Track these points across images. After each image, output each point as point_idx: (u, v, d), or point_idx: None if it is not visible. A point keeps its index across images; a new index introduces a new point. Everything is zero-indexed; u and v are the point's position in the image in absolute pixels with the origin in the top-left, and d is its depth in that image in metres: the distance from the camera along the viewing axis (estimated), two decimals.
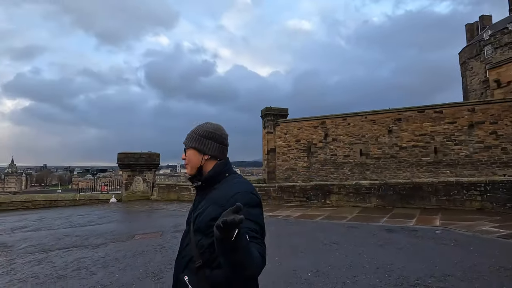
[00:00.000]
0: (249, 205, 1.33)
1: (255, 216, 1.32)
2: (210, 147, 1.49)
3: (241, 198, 1.30)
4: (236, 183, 1.44)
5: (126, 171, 18.55)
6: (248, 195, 1.37)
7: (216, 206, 1.34)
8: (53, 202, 16.87)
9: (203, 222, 1.37)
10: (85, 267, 5.00)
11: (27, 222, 10.58)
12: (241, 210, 1.07)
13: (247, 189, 1.41)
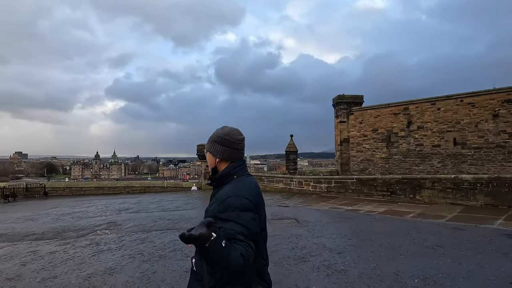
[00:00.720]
0: (240, 209, 1.44)
1: (243, 220, 1.43)
2: (219, 151, 1.62)
3: (233, 202, 1.45)
4: (236, 186, 1.54)
5: (204, 161, 19.96)
6: (240, 199, 1.47)
7: (216, 204, 1.49)
8: (147, 188, 19.39)
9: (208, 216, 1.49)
10: (180, 249, 5.41)
11: (129, 205, 12.31)
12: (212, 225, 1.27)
13: (241, 193, 1.50)
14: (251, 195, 1.53)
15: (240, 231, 1.39)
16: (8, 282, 4.21)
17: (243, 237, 1.39)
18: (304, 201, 11.84)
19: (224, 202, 1.46)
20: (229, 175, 1.61)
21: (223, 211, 1.45)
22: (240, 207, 1.45)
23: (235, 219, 1.41)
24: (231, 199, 1.46)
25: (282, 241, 5.66)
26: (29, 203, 15.37)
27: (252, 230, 1.45)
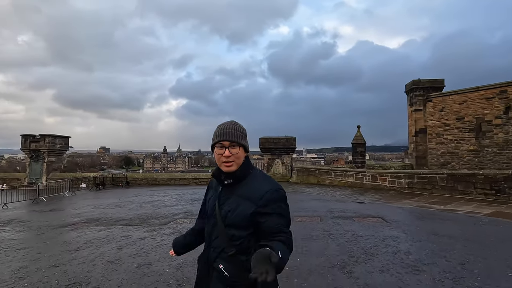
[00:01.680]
0: (281, 201, 1.49)
1: (285, 212, 1.49)
2: (248, 145, 1.58)
3: (273, 197, 1.47)
4: (264, 180, 1.53)
5: (266, 154, 19.86)
6: (278, 192, 1.50)
7: (250, 203, 1.44)
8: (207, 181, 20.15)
9: (239, 217, 1.44)
10: None
11: (200, 196, 12.70)
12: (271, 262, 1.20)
13: (276, 186, 1.52)
14: (281, 186, 1.56)
15: (283, 223, 1.45)
16: (110, 265, 4.46)
17: (287, 228, 1.46)
18: (382, 198, 10.68)
19: (263, 197, 1.44)
20: (249, 170, 1.56)
21: (264, 205, 1.43)
22: (281, 199, 1.49)
23: (279, 211, 1.46)
24: (269, 194, 1.46)
25: (377, 243, 4.95)
26: (115, 191, 17.28)
27: (290, 218, 1.52)
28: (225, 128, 1.54)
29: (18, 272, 4.37)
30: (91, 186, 19.43)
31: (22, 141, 21.43)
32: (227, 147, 1.49)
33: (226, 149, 1.49)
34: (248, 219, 1.43)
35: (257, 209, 1.42)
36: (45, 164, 21.22)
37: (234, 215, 1.46)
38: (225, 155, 1.49)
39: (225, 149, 1.50)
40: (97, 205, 11.65)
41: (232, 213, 1.46)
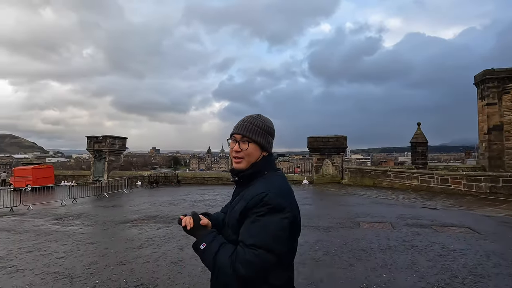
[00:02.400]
0: (269, 209, 1.16)
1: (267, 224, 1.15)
2: (270, 144, 1.38)
3: (262, 199, 1.18)
4: (269, 182, 1.26)
5: (315, 154, 19.01)
6: (269, 197, 1.18)
7: (243, 202, 1.23)
8: None
9: (232, 218, 1.27)
10: (333, 253, 4.58)
11: None
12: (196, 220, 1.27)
13: (273, 189, 1.21)
14: (285, 194, 1.25)
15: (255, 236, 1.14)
16: (174, 267, 4.30)
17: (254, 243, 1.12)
18: (457, 204, 9.29)
19: (252, 199, 1.19)
20: (260, 171, 1.32)
21: (251, 207, 1.18)
22: (269, 206, 1.17)
23: (258, 218, 1.16)
24: (261, 196, 1.18)
25: (480, 260, 4.07)
26: (168, 189, 17.99)
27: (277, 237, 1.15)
28: (242, 120, 1.38)
29: (89, 267, 4.43)
30: (146, 184, 20.56)
31: (87, 142, 23.57)
32: (238, 141, 1.33)
33: (237, 143, 1.34)
34: (236, 220, 1.25)
35: (244, 209, 1.22)
36: (107, 163, 23.06)
37: (231, 214, 1.31)
38: (235, 149, 1.33)
39: (236, 143, 1.34)
40: (153, 202, 12.10)
41: (231, 212, 1.32)
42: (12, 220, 9.05)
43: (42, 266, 4.56)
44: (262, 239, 1.13)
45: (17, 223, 8.58)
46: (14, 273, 4.31)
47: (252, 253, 1.11)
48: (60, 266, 4.53)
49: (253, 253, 1.11)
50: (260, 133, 1.34)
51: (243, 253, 1.13)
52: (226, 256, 1.15)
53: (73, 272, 4.23)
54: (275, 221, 1.16)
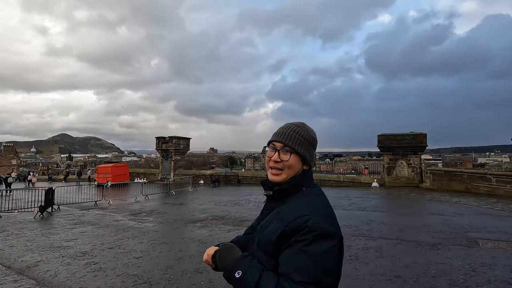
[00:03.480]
0: (317, 236, 0.97)
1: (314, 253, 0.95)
2: (313, 158, 1.18)
3: (309, 225, 0.98)
4: (309, 201, 1.07)
5: (387, 154, 17.02)
6: (318, 223, 0.99)
7: (280, 224, 1.04)
8: (322, 182, 18.73)
9: (266, 239, 1.06)
10: (462, 283, 3.46)
11: None
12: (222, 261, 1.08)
13: (321, 213, 1.03)
14: (330, 216, 1.06)
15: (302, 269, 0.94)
16: None
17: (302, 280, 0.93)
18: None
19: (292, 223, 1.00)
20: (298, 186, 1.13)
21: (292, 231, 0.99)
22: (317, 232, 0.97)
23: (305, 247, 0.96)
24: (308, 220, 0.99)
25: None
26: (229, 189, 18.07)
27: (328, 270, 0.96)
28: (284, 127, 1.18)
29: (166, 272, 4.15)
30: (208, 183, 21.10)
31: (156, 142, 25.35)
32: (278, 150, 1.13)
33: (276, 153, 1.13)
34: (273, 243, 1.03)
35: (283, 232, 1.01)
36: (173, 162, 24.43)
37: (263, 234, 1.08)
38: (274, 159, 1.13)
39: (275, 152, 1.14)
40: (217, 201, 12.04)
41: (262, 231, 1.10)
42: (96, 214, 9.78)
43: (122, 266, 4.45)
44: (312, 275, 0.94)
45: (99, 217, 9.20)
46: (97, 271, 4.27)
47: None
48: (138, 268, 4.36)
49: None
50: (303, 144, 1.15)
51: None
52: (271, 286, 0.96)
53: (151, 277, 3.98)
54: (324, 251, 0.96)
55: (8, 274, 4.18)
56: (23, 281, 3.91)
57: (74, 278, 4.01)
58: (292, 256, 0.97)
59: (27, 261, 4.84)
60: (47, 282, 3.91)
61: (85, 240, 6.19)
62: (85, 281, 3.91)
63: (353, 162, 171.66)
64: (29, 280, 3.94)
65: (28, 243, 6.02)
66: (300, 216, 1.00)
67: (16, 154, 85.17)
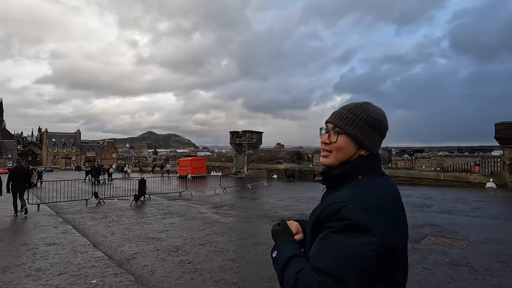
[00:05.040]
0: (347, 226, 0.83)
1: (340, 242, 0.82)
2: (373, 140, 0.98)
3: (343, 213, 0.84)
4: (359, 190, 0.90)
5: (508, 147, 13.49)
6: (356, 212, 0.83)
7: (319, 210, 0.93)
8: (415, 180, 16.08)
9: (309, 224, 0.98)
10: None
11: (421, 200, 9.67)
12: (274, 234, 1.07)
13: (362, 202, 0.86)
14: (378, 210, 0.85)
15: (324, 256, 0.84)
16: None
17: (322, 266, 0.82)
18: None
19: (327, 208, 0.89)
20: (352, 174, 0.95)
21: (323, 219, 0.89)
22: (346, 219, 0.83)
23: (330, 233, 0.85)
24: (338, 207, 0.86)
25: None
26: (305, 184, 17.04)
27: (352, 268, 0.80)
28: (341, 107, 1.05)
29: (270, 282, 3.43)
30: (282, 178, 20.46)
31: (230, 136, 25.92)
32: (329, 131, 1.00)
33: (326, 134, 1.01)
34: (310, 230, 0.95)
35: (317, 218, 0.91)
36: (246, 156, 24.60)
37: (308, 222, 1.00)
38: (322, 140, 1.02)
39: (326, 132, 1.01)
40: (298, 198, 11.18)
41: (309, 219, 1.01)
42: (182, 205, 9.99)
43: (218, 269, 3.93)
44: (330, 264, 0.81)
45: (185, 208, 9.32)
46: (193, 273, 3.82)
47: (315, 278, 0.82)
48: (236, 274, 3.76)
49: (316, 278, 0.82)
50: (358, 124, 0.97)
51: (306, 273, 0.85)
52: (293, 271, 0.89)
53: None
54: (351, 244, 0.81)
55: (109, 265, 4.07)
56: (122, 276, 3.69)
57: (170, 279, 3.63)
58: (317, 241, 0.88)
59: (126, 251, 4.78)
60: (145, 281, 3.60)
61: (176, 232, 6.04)
62: (182, 285, 3.47)
63: (438, 158, 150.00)
64: (128, 276, 3.70)
65: (126, 231, 6.17)
66: (336, 202, 0.87)
67: (115, 149, 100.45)
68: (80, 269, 3.97)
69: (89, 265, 4.10)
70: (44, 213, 8.53)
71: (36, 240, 5.51)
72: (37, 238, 5.62)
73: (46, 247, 5.01)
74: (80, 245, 5.10)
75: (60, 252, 4.74)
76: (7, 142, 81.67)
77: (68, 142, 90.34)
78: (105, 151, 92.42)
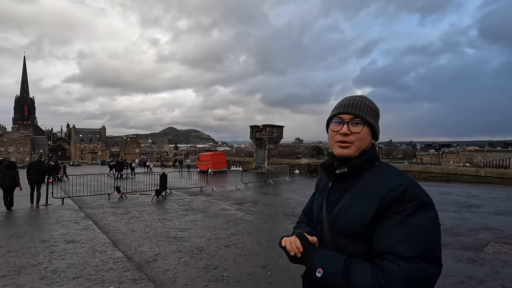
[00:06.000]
0: (418, 205, 0.84)
1: (419, 223, 0.82)
2: (379, 131, 1.06)
3: (407, 194, 0.85)
4: (395, 173, 0.94)
5: None
6: (417, 190, 0.87)
7: (370, 201, 0.89)
8: (451, 176, 14.84)
9: (350, 223, 0.92)
10: None
11: (465, 198, 8.71)
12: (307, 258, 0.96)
13: (414, 183, 0.89)
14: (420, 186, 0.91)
15: (407, 241, 0.81)
16: None
17: (408, 253, 0.79)
18: None
19: (388, 195, 0.86)
20: (374, 160, 1.01)
21: (390, 204, 0.85)
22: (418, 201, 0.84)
23: (406, 217, 0.82)
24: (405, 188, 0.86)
25: None
26: None
27: (437, 242, 0.84)
28: (349, 99, 1.05)
29: None
30: (304, 173, 19.75)
31: (250, 131, 25.44)
32: (347, 122, 1.00)
33: (345, 125, 1.00)
34: (366, 225, 0.88)
35: (379, 208, 0.86)
36: (266, 150, 24.05)
37: (346, 219, 0.94)
38: (342, 131, 1.00)
39: (343, 124, 1.01)
40: None
41: (343, 216, 0.95)
42: (203, 201, 9.65)
43: (248, 278, 3.43)
44: (423, 247, 0.80)
45: (207, 204, 8.95)
46: (220, 281, 3.35)
47: (414, 268, 0.78)
48: (270, 285, 3.24)
49: (415, 267, 0.78)
50: (373, 115, 1.03)
51: (398, 269, 0.78)
52: (367, 276, 0.80)
53: None
54: (430, 221, 0.83)
55: (128, 269, 3.70)
56: (141, 283, 3.29)
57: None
58: (394, 230, 0.82)
59: (146, 252, 4.41)
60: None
61: (198, 231, 5.63)
62: None
63: (467, 153, 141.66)
64: (148, 283, 3.29)
65: (146, 229, 5.85)
66: (397, 185, 0.87)
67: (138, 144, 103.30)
68: (97, 272, 3.63)
69: (107, 268, 3.75)
70: (68, 207, 8.48)
71: (56, 236, 5.29)
72: (57, 235, 5.41)
73: (65, 245, 4.75)
74: (99, 244, 4.80)
75: (78, 251, 4.45)
76: (39, 138, 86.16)
77: (94, 138, 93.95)
78: (128, 146, 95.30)
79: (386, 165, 1.00)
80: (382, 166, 0.99)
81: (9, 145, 76.81)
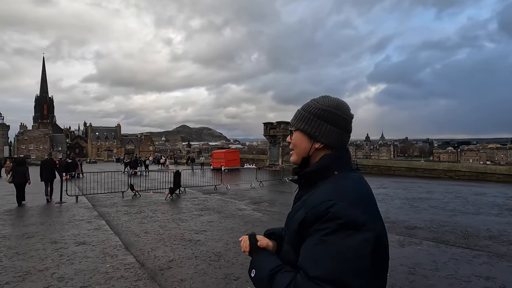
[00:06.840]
0: (339, 224, 0.78)
1: (336, 244, 0.77)
2: (324, 132, 0.95)
3: (330, 211, 0.79)
4: (339, 186, 0.87)
5: None
6: (348, 209, 0.79)
7: (303, 211, 0.87)
8: (480, 175, 13.92)
9: (291, 230, 0.91)
10: None
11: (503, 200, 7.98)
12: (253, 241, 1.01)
13: (349, 198, 0.82)
14: (364, 204, 0.84)
15: (320, 260, 0.77)
16: None
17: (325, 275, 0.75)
18: None
19: (314, 208, 0.83)
20: (328, 170, 0.93)
21: (311, 221, 0.83)
22: (339, 219, 0.78)
23: (324, 236, 0.78)
24: (327, 206, 0.80)
25: None
26: None
27: (354, 269, 0.75)
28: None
29: None
30: None
31: (264, 128, 24.99)
32: (291, 131, 1.05)
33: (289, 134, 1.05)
34: (295, 233, 0.88)
35: (304, 220, 0.85)
36: (280, 148, 23.55)
37: (290, 223, 0.93)
38: (287, 140, 1.08)
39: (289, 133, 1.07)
40: None
41: (289, 222, 0.95)
42: (218, 199, 9.30)
43: None
44: (331, 271, 0.75)
45: (222, 203, 8.59)
46: None
47: None
48: None
49: None
50: (306, 118, 0.97)
51: (302, 285, 0.77)
52: (283, 285, 0.81)
53: None
54: (353, 244, 0.76)
55: (140, 277, 3.35)
56: None
57: None
58: (310, 247, 0.80)
59: (160, 257, 4.05)
60: None
61: (215, 233, 5.25)
62: None
63: (488, 151, 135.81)
64: None
65: (160, 230, 5.52)
66: (324, 201, 0.82)
67: (152, 142, 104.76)
68: (107, 280, 3.29)
69: (117, 275, 3.41)
70: (81, 205, 8.32)
71: (67, 237, 5.04)
72: (68, 235, 5.16)
73: (75, 247, 4.47)
74: (111, 246, 4.50)
75: (88, 254, 4.15)
76: (58, 136, 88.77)
77: (110, 136, 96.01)
78: (142, 144, 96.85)
79: (344, 177, 0.90)
80: (339, 177, 0.90)
81: (30, 142, 79.48)
